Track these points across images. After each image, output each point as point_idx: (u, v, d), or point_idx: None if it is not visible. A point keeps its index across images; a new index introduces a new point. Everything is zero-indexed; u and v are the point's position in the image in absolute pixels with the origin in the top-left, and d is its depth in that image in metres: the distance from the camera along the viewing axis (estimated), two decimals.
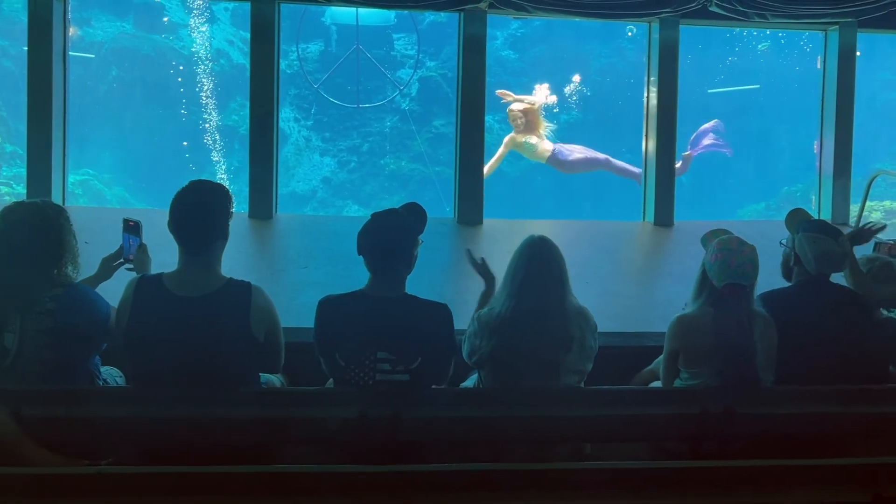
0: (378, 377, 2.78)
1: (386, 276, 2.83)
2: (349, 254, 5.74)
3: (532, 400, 2.82)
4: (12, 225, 2.71)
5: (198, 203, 2.73)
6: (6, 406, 2.50)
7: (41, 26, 6.35)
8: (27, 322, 2.69)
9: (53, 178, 6.43)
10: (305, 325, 3.26)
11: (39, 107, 6.42)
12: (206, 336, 2.69)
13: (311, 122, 16.64)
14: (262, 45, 6.43)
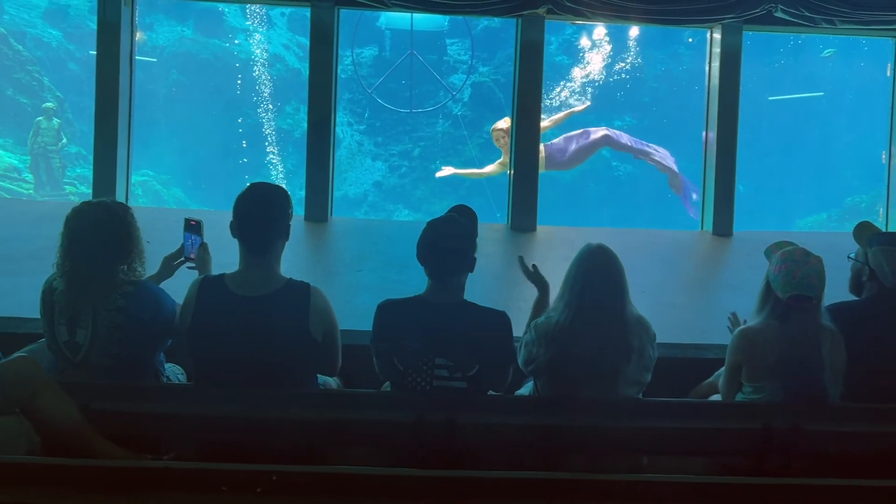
0: (435, 383, 2.78)
1: (445, 282, 2.83)
2: (403, 258, 5.81)
3: (590, 410, 2.79)
4: (84, 224, 2.78)
5: (260, 205, 2.78)
6: (76, 400, 2.58)
7: (110, 32, 6.54)
8: (99, 318, 2.77)
9: (118, 178, 6.62)
10: (360, 327, 3.30)
11: (106, 109, 6.62)
12: (265, 336, 2.73)
13: (363, 127, 16.83)
14: (320, 50, 6.52)
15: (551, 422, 2.75)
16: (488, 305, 2.90)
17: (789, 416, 2.78)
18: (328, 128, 6.56)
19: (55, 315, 2.80)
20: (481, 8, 6.54)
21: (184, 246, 3.25)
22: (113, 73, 6.56)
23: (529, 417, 2.77)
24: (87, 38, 17.48)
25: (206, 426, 2.75)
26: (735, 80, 7.12)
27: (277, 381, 2.79)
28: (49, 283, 2.86)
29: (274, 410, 2.74)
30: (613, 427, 2.78)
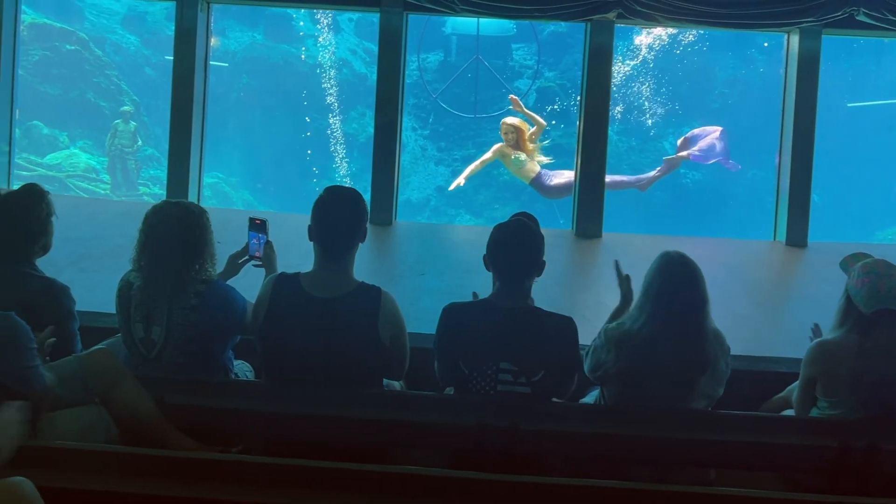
0: (499, 388, 2.78)
1: (513, 286, 2.82)
2: (466, 262, 5.82)
3: (659, 421, 2.74)
4: (161, 222, 2.87)
5: (339, 209, 2.82)
6: (151, 393, 2.67)
7: (186, 37, 6.75)
8: (174, 316, 2.85)
9: (190, 180, 6.83)
10: (423, 330, 3.31)
11: (181, 113, 6.83)
12: (335, 337, 2.77)
13: (427, 132, 16.93)
14: (388, 55, 6.60)
15: (618, 431, 2.72)
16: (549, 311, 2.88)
17: (867, 433, 2.68)
18: (394, 132, 6.62)
19: (131, 312, 2.89)
20: (550, 13, 6.50)
21: (248, 244, 3.32)
22: (188, 78, 6.77)
23: (596, 425, 2.74)
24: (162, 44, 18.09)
25: (273, 422, 2.82)
26: (813, 86, 6.89)
27: (344, 382, 2.82)
28: (126, 280, 2.95)
29: (339, 410, 2.77)
30: (682, 439, 2.73)
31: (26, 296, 2.85)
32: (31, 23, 15.41)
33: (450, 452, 2.86)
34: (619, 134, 16.16)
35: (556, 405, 2.87)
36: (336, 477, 2.25)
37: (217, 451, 2.67)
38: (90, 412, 2.55)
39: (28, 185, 3.16)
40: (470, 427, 2.73)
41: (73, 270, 5.09)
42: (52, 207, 3.10)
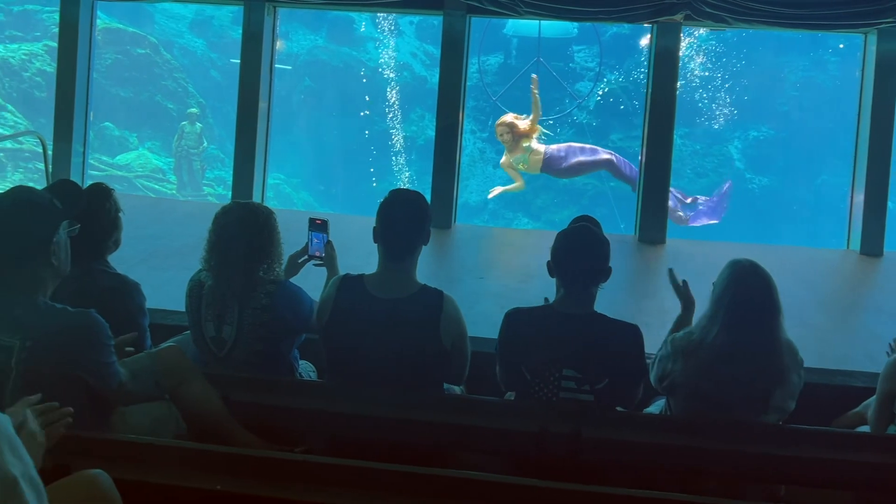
0: (561, 395, 2.74)
1: (579, 293, 2.78)
2: (525, 266, 5.78)
3: (727, 433, 2.66)
4: (231, 224, 2.91)
5: (403, 211, 2.83)
6: (218, 391, 2.72)
7: (253, 41, 6.89)
8: (244, 316, 2.89)
9: (255, 181, 6.95)
10: (481, 334, 3.30)
11: (247, 115, 6.97)
12: (397, 338, 2.77)
13: (486, 135, 16.89)
14: (451, 59, 6.60)
15: (686, 443, 2.65)
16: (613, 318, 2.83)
17: None
18: (455, 136, 6.62)
19: (202, 311, 2.94)
20: (616, 15, 6.41)
21: (308, 244, 3.34)
22: (254, 81, 6.90)
23: (662, 436, 2.68)
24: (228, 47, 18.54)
25: (335, 422, 2.84)
26: (891, 89, 6.61)
27: (405, 384, 2.83)
28: (196, 280, 3.00)
29: (400, 412, 2.78)
30: (752, 453, 2.65)
31: (99, 292, 2.93)
32: (104, 27, 15.96)
33: (510, 458, 2.84)
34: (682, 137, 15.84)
35: (621, 414, 2.82)
36: (397, 479, 2.25)
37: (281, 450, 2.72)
38: (160, 408, 2.61)
39: (95, 184, 3.27)
40: (531, 433, 2.71)
41: (142, 268, 5.23)
42: (119, 204, 3.20)
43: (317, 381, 3.22)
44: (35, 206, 2.19)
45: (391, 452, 2.69)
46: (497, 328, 4.29)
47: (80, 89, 7.23)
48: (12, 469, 1.14)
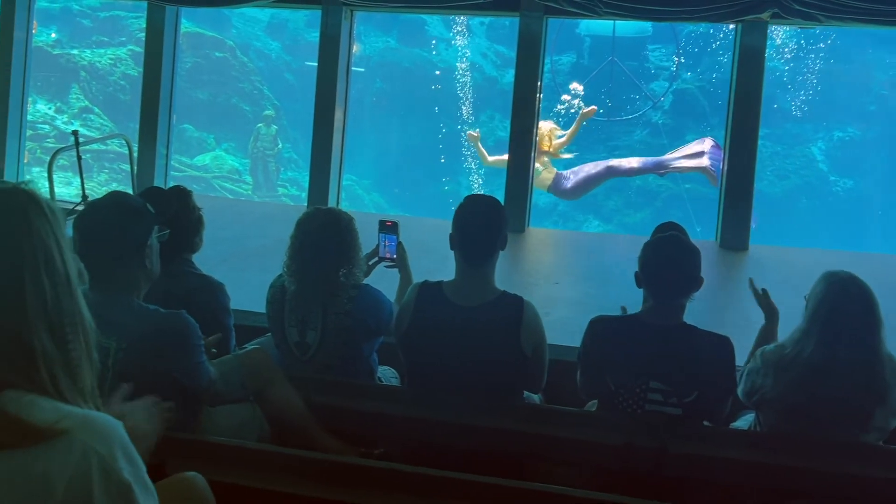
0: (647, 407, 2.67)
1: (669, 305, 2.70)
2: (602, 272, 5.67)
3: (823, 452, 2.54)
4: (314, 229, 2.93)
5: (480, 217, 2.80)
6: (300, 393, 2.76)
7: (330, 44, 6.97)
8: (328, 321, 2.92)
9: (330, 183, 7.04)
10: (558, 342, 3.24)
11: (323, 118, 7.05)
12: (477, 345, 2.75)
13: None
14: (527, 60, 6.53)
15: (778, 461, 2.54)
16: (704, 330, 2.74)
17: None
18: (530, 139, 6.55)
19: (285, 316, 2.96)
20: (699, 14, 6.21)
21: (379, 246, 3.35)
22: (331, 84, 6.98)
23: (754, 453, 2.58)
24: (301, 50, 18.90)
25: (414, 428, 2.83)
26: None
27: (485, 391, 2.80)
28: (279, 284, 3.02)
29: (480, 420, 2.75)
30: (849, 474, 2.51)
31: (185, 292, 2.99)
32: (185, 32, 16.49)
33: (592, 471, 2.78)
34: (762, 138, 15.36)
35: (710, 429, 2.72)
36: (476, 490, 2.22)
37: (360, 453, 2.73)
38: (245, 409, 2.65)
39: (175, 187, 3.35)
40: (615, 446, 2.64)
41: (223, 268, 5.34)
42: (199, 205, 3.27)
43: (396, 386, 3.23)
44: (131, 211, 2.26)
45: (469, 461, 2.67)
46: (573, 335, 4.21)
47: (164, 94, 7.47)
48: (126, 475, 1.15)
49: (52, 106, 16.90)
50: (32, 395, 1.15)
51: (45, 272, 1.20)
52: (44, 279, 1.19)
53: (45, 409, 1.14)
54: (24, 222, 1.20)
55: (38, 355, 1.16)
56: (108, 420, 1.19)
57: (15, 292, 1.16)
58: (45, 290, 1.19)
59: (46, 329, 1.18)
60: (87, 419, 1.16)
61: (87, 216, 2.21)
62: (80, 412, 1.17)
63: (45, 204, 1.25)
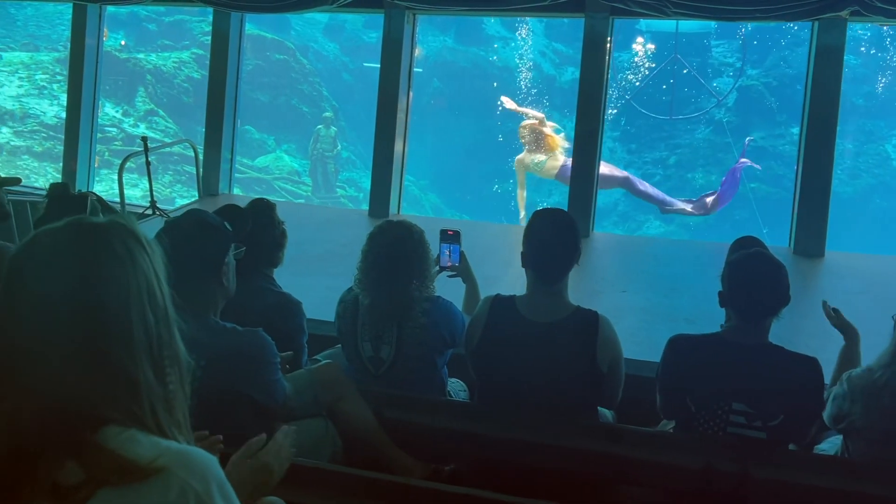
0: (729, 430, 2.56)
1: (755, 323, 2.58)
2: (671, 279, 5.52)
3: None
4: (389, 242, 2.89)
5: (557, 234, 2.73)
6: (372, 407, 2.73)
7: (393, 47, 6.96)
8: (403, 335, 2.89)
9: (392, 186, 7.04)
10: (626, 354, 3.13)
11: (386, 121, 7.04)
12: (552, 362, 2.69)
13: (617, 133, 16.45)
14: (592, 61, 6.40)
15: (872, 490, 2.41)
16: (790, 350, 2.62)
17: None
18: (595, 142, 6.42)
19: (358, 330, 2.94)
20: (774, 14, 5.96)
21: (440, 255, 3.30)
22: (393, 87, 6.97)
23: (845, 481, 2.45)
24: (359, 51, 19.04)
25: (485, 445, 2.79)
26: None
27: (560, 409, 2.74)
28: (350, 298, 3.00)
29: (554, 438, 2.69)
30: None
31: (263, 308, 2.98)
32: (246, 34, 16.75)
33: (669, 495, 2.69)
34: None
35: (798, 454, 2.61)
36: None
37: (430, 469, 2.70)
38: (319, 425, 2.64)
39: (259, 200, 3.35)
40: (695, 469, 2.55)
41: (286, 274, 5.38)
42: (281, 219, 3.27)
43: (468, 402, 3.18)
44: (210, 229, 2.26)
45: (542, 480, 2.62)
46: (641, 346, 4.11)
47: (228, 98, 7.58)
48: None
49: (120, 109, 17.39)
50: (132, 430, 1.14)
51: (149, 306, 1.20)
52: (148, 313, 1.19)
53: (144, 444, 1.13)
54: (129, 257, 1.19)
55: (142, 390, 1.16)
56: (204, 456, 1.18)
57: (123, 328, 1.16)
58: (150, 325, 1.19)
59: (150, 363, 1.18)
60: (184, 455, 1.15)
61: (166, 234, 2.22)
62: (177, 447, 1.16)
63: (143, 237, 1.24)
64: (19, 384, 1.10)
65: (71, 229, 1.18)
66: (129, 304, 1.17)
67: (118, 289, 1.17)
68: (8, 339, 1.12)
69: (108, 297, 1.16)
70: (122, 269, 1.18)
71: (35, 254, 1.15)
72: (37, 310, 1.12)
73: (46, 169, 16.48)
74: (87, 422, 1.11)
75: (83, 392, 1.12)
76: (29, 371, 1.11)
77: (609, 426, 2.91)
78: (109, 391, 1.13)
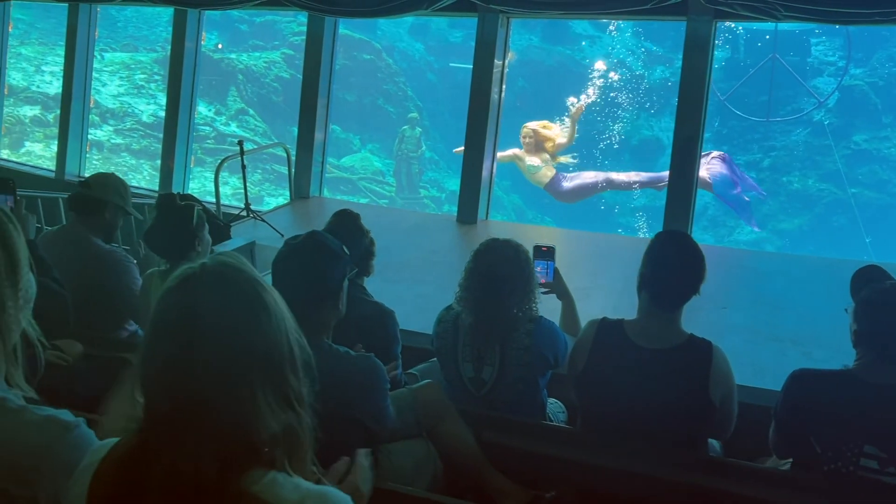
0: (859, 474, 2.38)
1: (892, 361, 2.39)
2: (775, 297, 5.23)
3: None
4: (495, 262, 2.83)
5: (681, 263, 2.61)
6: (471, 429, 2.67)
7: (486, 50, 6.88)
8: (506, 356, 2.82)
9: (481, 192, 6.96)
10: None
11: (477, 124, 6.96)
12: (661, 391, 2.58)
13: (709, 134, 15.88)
14: (693, 67, 6.15)
15: None
16: None
17: None
18: (695, 148, 6.18)
19: (459, 350, 2.89)
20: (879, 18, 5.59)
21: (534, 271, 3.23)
22: (485, 91, 6.89)
23: None
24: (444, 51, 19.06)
25: (589, 474, 2.69)
26: None
27: (667, 440, 2.61)
28: (451, 316, 2.95)
29: (661, 470, 2.57)
30: None
31: (358, 319, 2.97)
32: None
33: None
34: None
35: None
36: None
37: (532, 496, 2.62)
38: (420, 447, 2.59)
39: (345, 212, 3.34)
40: None
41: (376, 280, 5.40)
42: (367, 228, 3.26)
43: (570, 428, 3.08)
44: (333, 256, 2.24)
45: None
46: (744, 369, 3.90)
47: (321, 102, 7.67)
48: None
49: (212, 108, 17.94)
50: (272, 472, 1.15)
51: (292, 349, 1.23)
52: (294, 357, 1.23)
53: (285, 487, 1.14)
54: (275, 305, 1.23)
55: (285, 431, 1.17)
56: (341, 497, 1.20)
57: (275, 373, 1.19)
58: (294, 363, 1.22)
59: (288, 403, 1.19)
60: (324, 497, 1.17)
61: (286, 259, 2.20)
62: (317, 490, 1.17)
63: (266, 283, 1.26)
64: (195, 429, 1.12)
65: (211, 276, 1.19)
66: (280, 349, 1.20)
67: (274, 336, 1.19)
68: (178, 387, 1.14)
69: (265, 344, 1.18)
70: (274, 307, 1.21)
71: (194, 304, 1.17)
72: (207, 356, 1.14)
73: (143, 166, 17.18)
74: (237, 467, 1.12)
75: (244, 434, 1.13)
76: (202, 415, 1.12)
77: (721, 460, 2.77)
78: (259, 435, 1.14)
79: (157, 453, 1.12)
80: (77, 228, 3.62)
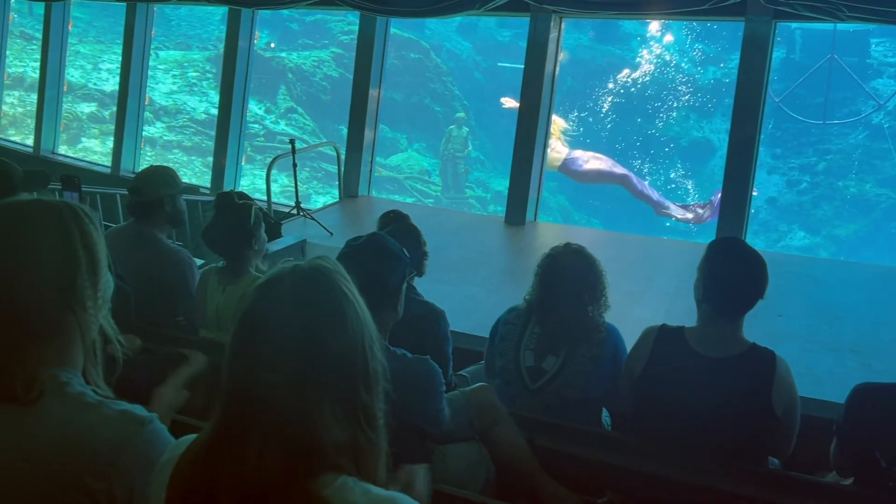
0: None
1: None
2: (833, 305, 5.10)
3: None
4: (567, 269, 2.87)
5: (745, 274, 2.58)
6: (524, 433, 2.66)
7: (538, 51, 6.85)
8: (574, 355, 2.84)
9: (530, 193, 6.93)
10: None
11: (527, 126, 6.93)
12: (721, 400, 2.53)
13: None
14: (752, 67, 6.02)
15: None
16: None
17: None
18: (752, 149, 6.06)
19: (525, 337, 2.91)
20: None
21: None
22: (536, 92, 6.86)
23: None
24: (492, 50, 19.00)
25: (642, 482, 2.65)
26: None
27: (725, 451, 2.56)
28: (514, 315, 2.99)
29: (718, 482, 2.51)
30: None
31: (410, 319, 2.97)
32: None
33: None
34: None
35: None
36: None
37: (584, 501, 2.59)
38: (473, 450, 2.58)
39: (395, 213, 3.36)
40: None
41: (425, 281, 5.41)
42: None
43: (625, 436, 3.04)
44: (394, 258, 2.25)
45: None
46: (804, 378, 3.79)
47: (371, 103, 7.72)
48: None
49: (262, 106, 18.18)
50: (343, 476, 1.14)
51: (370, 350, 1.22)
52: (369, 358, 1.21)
53: (356, 492, 1.13)
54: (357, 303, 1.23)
55: (358, 435, 1.16)
56: (410, 503, 1.18)
57: (351, 374, 1.18)
58: (368, 378, 1.20)
59: (355, 416, 1.18)
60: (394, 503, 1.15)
61: (348, 259, 2.21)
62: (386, 496, 1.16)
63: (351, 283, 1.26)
64: (262, 431, 1.12)
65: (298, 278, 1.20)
66: (353, 361, 1.18)
67: (347, 347, 1.18)
68: (250, 388, 1.14)
69: (336, 354, 1.17)
70: (354, 317, 1.21)
71: (274, 305, 1.17)
72: (280, 359, 1.14)
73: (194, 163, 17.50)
74: (308, 470, 1.11)
75: (310, 439, 1.12)
76: (271, 418, 1.12)
77: (782, 474, 2.70)
78: (331, 438, 1.13)
79: (226, 452, 1.13)
80: (139, 225, 3.69)
